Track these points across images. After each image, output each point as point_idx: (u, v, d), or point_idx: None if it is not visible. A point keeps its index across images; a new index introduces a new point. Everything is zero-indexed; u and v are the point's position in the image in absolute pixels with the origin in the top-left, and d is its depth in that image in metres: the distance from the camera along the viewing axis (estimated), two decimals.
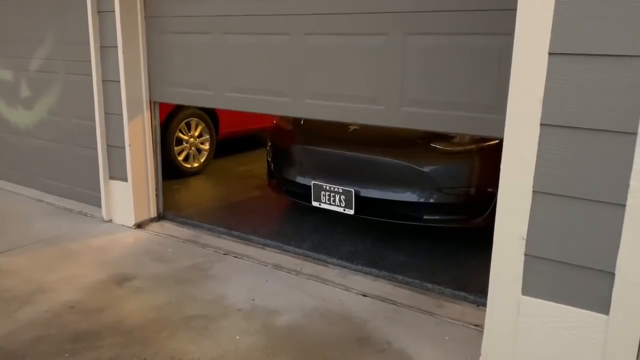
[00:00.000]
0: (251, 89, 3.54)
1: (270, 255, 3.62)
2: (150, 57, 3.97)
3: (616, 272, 2.03)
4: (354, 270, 3.38)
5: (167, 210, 4.37)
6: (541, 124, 2.08)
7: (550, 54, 2.02)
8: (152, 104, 4.08)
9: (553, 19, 1.99)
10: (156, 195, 4.25)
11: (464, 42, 2.72)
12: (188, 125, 5.56)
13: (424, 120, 2.91)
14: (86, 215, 4.34)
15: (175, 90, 3.92)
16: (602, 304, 2.09)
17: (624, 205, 1.98)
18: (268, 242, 3.78)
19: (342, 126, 3.93)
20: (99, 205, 4.27)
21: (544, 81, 2.05)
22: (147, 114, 4.05)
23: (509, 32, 2.22)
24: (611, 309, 2.06)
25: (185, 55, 3.82)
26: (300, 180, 3.97)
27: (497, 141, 3.44)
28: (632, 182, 1.95)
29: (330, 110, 3.22)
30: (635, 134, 1.92)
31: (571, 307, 2.16)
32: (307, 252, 3.61)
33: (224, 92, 3.68)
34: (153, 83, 4.01)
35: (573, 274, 2.14)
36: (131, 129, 3.96)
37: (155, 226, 4.16)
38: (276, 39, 3.37)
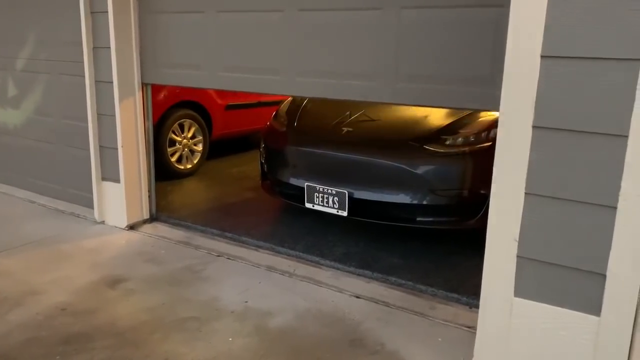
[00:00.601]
0: (244, 68, 3.51)
1: (264, 256, 3.61)
2: (142, 38, 3.92)
3: (607, 274, 2.05)
4: (347, 272, 3.39)
5: (160, 212, 4.35)
6: (533, 127, 2.10)
7: (542, 56, 2.04)
8: (144, 86, 4.04)
9: (545, 22, 2.01)
10: (149, 196, 4.23)
11: (459, 14, 2.69)
12: (181, 126, 5.55)
13: (419, 95, 2.88)
14: (78, 217, 4.32)
15: (168, 72, 3.87)
16: (593, 306, 2.11)
17: (616, 208, 2.00)
18: (261, 243, 3.78)
19: (335, 128, 3.93)
20: (91, 207, 4.25)
21: (537, 84, 2.06)
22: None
23: (504, 4, 2.19)
24: (602, 310, 2.08)
25: (177, 35, 3.77)
26: (293, 181, 3.97)
27: (489, 143, 3.47)
28: (623, 185, 1.97)
29: (324, 87, 3.19)
30: (626, 136, 1.94)
31: (563, 309, 2.17)
32: (301, 253, 3.61)
33: (217, 71, 3.64)
34: (145, 64, 3.96)
35: (565, 276, 2.15)
36: (123, 128, 3.94)
37: (148, 228, 4.14)
38: (269, 16, 3.33)
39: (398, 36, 2.89)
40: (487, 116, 3.70)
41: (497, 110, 2.18)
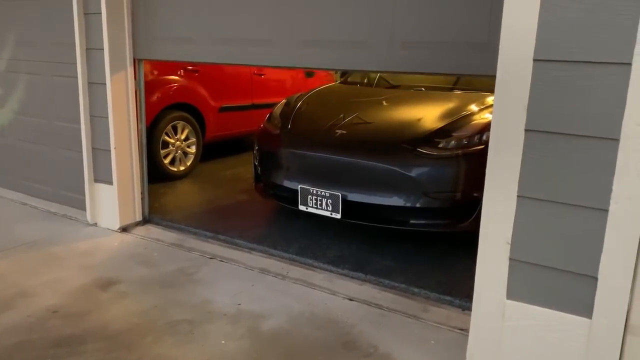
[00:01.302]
0: (238, 40, 3.45)
1: (257, 259, 3.61)
2: (134, 14, 3.85)
3: (599, 276, 2.06)
4: (341, 274, 3.39)
5: (153, 214, 4.34)
6: (526, 130, 2.11)
7: (535, 60, 2.05)
8: (136, 61, 3.99)
9: (538, 26, 2.02)
10: (142, 198, 4.22)
11: None
12: (174, 128, 5.53)
13: (416, 62, 2.83)
14: (70, 219, 4.30)
15: (161, 47, 3.81)
16: (585, 308, 2.12)
17: (607, 210, 2.01)
18: (254, 246, 3.77)
19: (329, 130, 3.94)
20: (84, 209, 4.23)
21: (529, 87, 2.07)
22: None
23: None
24: (594, 312, 2.09)
25: (170, 8, 3.71)
26: (287, 184, 3.97)
27: (482, 146, 3.48)
28: (614, 188, 1.98)
29: (319, 57, 3.15)
30: (617, 139, 1.95)
31: (555, 311, 2.19)
32: (294, 256, 3.60)
33: (210, 45, 3.58)
34: (137, 39, 3.89)
35: (557, 278, 2.17)
36: (116, 130, 3.93)
37: (141, 230, 4.13)
38: None
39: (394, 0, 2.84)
40: (480, 119, 3.72)
41: (493, 75, 2.15)
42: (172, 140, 5.51)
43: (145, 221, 4.25)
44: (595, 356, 2.11)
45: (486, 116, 3.71)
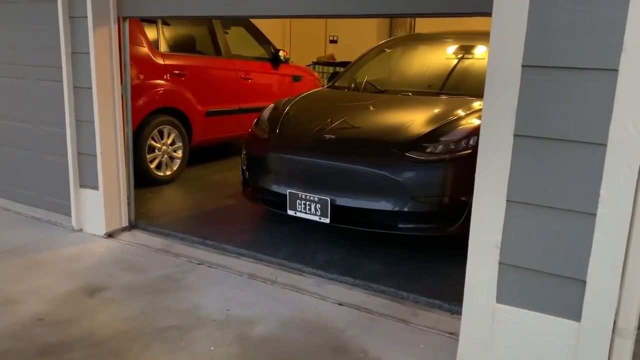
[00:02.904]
0: None
1: (245, 264, 3.59)
2: None
3: (587, 280, 2.09)
4: (330, 279, 3.38)
5: (139, 219, 4.30)
6: (514, 135, 2.13)
7: (523, 66, 2.07)
8: (121, 19, 3.88)
9: (526, 32, 2.04)
10: (128, 204, 4.17)
11: None
12: (161, 132, 5.49)
13: (412, 3, 2.78)
14: (55, 225, 4.24)
15: (148, 3, 3.72)
16: (573, 311, 2.14)
17: (595, 215, 2.03)
18: (243, 251, 3.75)
19: (317, 135, 3.94)
20: (69, 214, 4.17)
21: (518, 93, 2.09)
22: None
23: None
24: (582, 316, 2.11)
25: None
26: (275, 188, 3.96)
27: (470, 150, 3.50)
28: (602, 192, 2.01)
29: (315, 4, 3.08)
30: (604, 145, 1.98)
31: (544, 315, 2.21)
32: (283, 261, 3.59)
33: None
34: None
35: (546, 282, 2.19)
36: (102, 134, 3.89)
37: (127, 235, 4.08)
38: None
39: None
40: (467, 124, 3.74)
41: (490, 11, 2.13)
42: (158, 145, 5.46)
43: (131, 227, 4.21)
44: (584, 359, 2.13)
45: (473, 121, 3.73)
